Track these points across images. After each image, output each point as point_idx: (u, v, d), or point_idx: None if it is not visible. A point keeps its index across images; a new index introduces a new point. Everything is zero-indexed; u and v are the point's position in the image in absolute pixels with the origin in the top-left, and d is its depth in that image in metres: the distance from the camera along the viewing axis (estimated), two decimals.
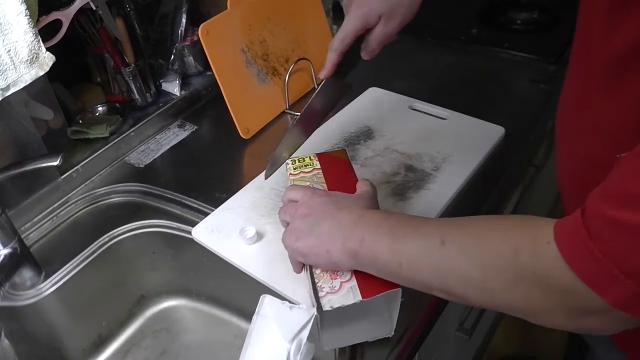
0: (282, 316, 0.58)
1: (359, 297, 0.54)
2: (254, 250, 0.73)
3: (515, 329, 1.58)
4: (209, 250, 0.75)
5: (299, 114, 1.01)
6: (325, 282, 0.56)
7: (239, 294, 0.82)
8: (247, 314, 0.85)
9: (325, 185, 0.66)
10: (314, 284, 0.57)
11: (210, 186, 0.87)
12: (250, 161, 0.94)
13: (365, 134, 0.91)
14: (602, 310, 0.40)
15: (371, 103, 0.99)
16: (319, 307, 0.54)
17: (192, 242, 0.78)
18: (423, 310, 0.65)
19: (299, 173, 0.69)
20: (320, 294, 0.55)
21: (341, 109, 0.99)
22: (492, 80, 1.06)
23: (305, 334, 0.56)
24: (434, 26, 1.26)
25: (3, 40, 0.63)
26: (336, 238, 0.55)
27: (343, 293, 0.54)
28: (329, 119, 0.96)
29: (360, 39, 0.70)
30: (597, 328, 0.42)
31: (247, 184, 0.84)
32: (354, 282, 0.55)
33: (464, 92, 1.03)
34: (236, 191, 0.82)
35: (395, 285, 0.54)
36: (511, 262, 0.43)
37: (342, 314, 0.56)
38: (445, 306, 0.70)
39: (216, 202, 0.82)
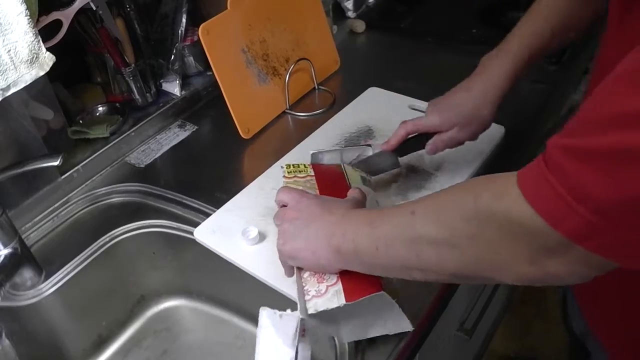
0: (277, 325, 0.59)
1: (343, 301, 0.54)
2: (256, 251, 0.73)
3: (515, 329, 1.58)
4: (209, 251, 0.75)
5: (299, 114, 1.02)
6: (311, 286, 0.57)
7: (239, 294, 0.82)
8: (248, 314, 0.85)
9: (317, 191, 0.67)
10: (300, 287, 0.58)
11: (211, 186, 0.87)
12: (251, 161, 0.94)
13: (366, 134, 0.91)
14: (561, 248, 0.40)
15: (371, 103, 0.99)
16: (305, 310, 0.55)
17: (193, 242, 0.78)
18: (424, 310, 0.65)
19: (293, 177, 0.70)
20: (307, 297, 0.56)
21: (341, 109, 0.99)
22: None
23: (296, 339, 0.58)
24: (434, 26, 1.26)
25: (3, 41, 0.63)
26: (322, 238, 0.56)
27: (328, 297, 0.55)
28: (329, 119, 0.97)
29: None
30: (562, 274, 0.42)
31: (247, 184, 0.84)
32: (339, 285, 0.56)
33: None
34: (236, 191, 0.82)
35: (378, 289, 0.55)
36: (472, 208, 0.44)
37: (335, 316, 0.56)
38: (446, 306, 0.70)
39: (216, 202, 0.82)
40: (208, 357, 0.85)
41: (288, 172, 0.71)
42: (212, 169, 0.91)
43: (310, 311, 0.55)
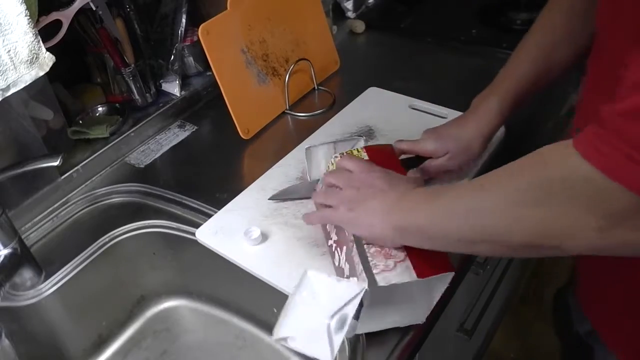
0: (323, 290, 0.59)
1: (415, 277, 0.55)
2: (259, 251, 0.73)
3: (515, 329, 1.58)
4: (209, 251, 0.75)
5: (299, 114, 1.02)
6: (379, 261, 0.58)
7: (239, 294, 0.82)
8: (248, 314, 0.85)
9: None
10: (365, 261, 0.58)
11: (211, 186, 0.87)
12: (251, 161, 0.94)
13: (367, 134, 0.91)
14: (633, 209, 0.40)
15: (371, 103, 0.99)
16: (373, 282, 0.55)
17: (193, 243, 0.78)
18: None
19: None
20: (375, 270, 0.56)
21: (342, 109, 0.99)
22: (492, 80, 1.06)
23: (351, 309, 0.56)
24: (434, 26, 1.26)
25: (3, 41, 0.63)
26: (381, 212, 0.58)
27: (399, 271, 0.56)
28: (329, 119, 0.97)
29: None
30: (633, 240, 0.42)
31: (247, 184, 0.83)
32: (408, 262, 0.57)
33: (463, 92, 1.02)
34: (236, 192, 0.82)
35: (450, 268, 0.56)
36: (542, 175, 0.46)
37: (386, 296, 0.57)
38: (446, 306, 0.70)
39: (216, 203, 0.82)
40: (208, 357, 0.85)
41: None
42: (211, 169, 0.91)
43: (381, 283, 0.55)
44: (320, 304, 0.58)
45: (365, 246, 0.60)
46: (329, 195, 0.65)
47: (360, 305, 0.57)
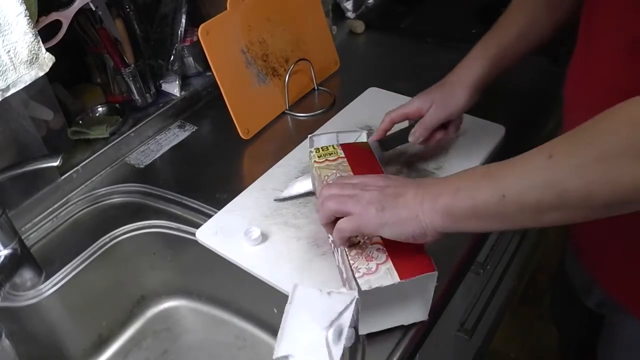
0: (316, 303, 0.58)
1: (397, 279, 0.55)
2: (259, 252, 0.73)
3: (515, 329, 1.58)
4: (209, 251, 0.75)
5: (299, 114, 1.02)
6: (361, 264, 0.57)
7: (239, 294, 0.82)
8: (248, 315, 0.85)
9: (351, 172, 0.68)
10: (349, 266, 0.57)
11: (210, 187, 0.87)
12: (251, 162, 0.94)
13: (367, 134, 0.91)
14: None
15: (371, 103, 0.99)
16: (357, 287, 0.55)
17: (193, 243, 0.78)
18: None
19: (324, 161, 0.70)
20: (357, 274, 0.56)
21: (342, 109, 0.99)
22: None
23: (347, 319, 0.56)
24: (434, 26, 1.26)
25: (3, 41, 0.63)
26: (424, 200, 0.54)
27: (380, 274, 0.55)
28: (329, 119, 0.97)
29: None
30: None
31: (247, 184, 0.84)
32: (389, 264, 0.56)
33: None
34: (236, 192, 0.82)
35: (431, 268, 0.55)
36: (632, 134, 0.43)
37: (378, 298, 0.56)
38: (446, 306, 0.70)
39: (216, 203, 0.82)
40: (208, 357, 0.85)
41: (318, 157, 0.71)
42: (211, 170, 0.91)
43: (364, 287, 0.54)
44: (315, 318, 0.58)
45: (346, 249, 0.59)
46: (344, 203, 0.58)
47: (356, 312, 0.57)
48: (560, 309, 0.98)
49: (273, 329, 0.81)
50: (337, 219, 0.58)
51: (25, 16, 0.64)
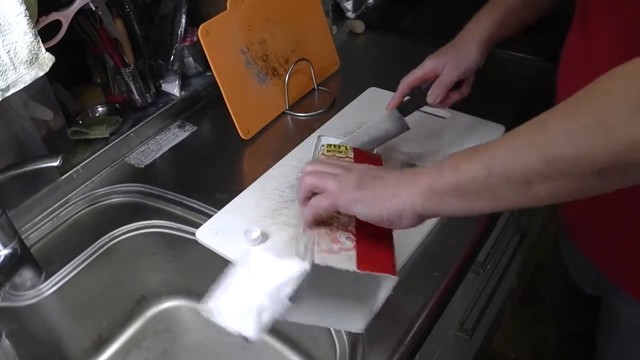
0: (265, 268, 0.56)
1: (354, 267, 0.52)
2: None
3: (515, 329, 1.58)
4: (209, 251, 0.75)
5: (299, 114, 1.02)
6: (325, 243, 0.54)
7: None
8: None
9: None
10: (312, 241, 0.55)
11: (210, 187, 0.86)
12: (251, 162, 0.94)
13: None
14: None
15: (371, 103, 0.99)
16: (311, 259, 0.52)
17: (193, 243, 0.78)
18: (424, 310, 0.65)
19: (332, 156, 0.67)
20: (316, 248, 0.54)
21: (341, 109, 0.99)
22: (492, 79, 1.06)
23: (288, 287, 0.54)
24: (434, 26, 1.26)
25: (3, 41, 0.63)
26: (405, 181, 0.52)
27: (339, 257, 0.53)
28: (329, 119, 0.97)
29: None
30: None
31: (247, 184, 0.83)
32: (353, 252, 0.54)
33: None
34: (236, 192, 0.82)
35: (393, 272, 0.53)
36: (627, 88, 0.41)
37: (326, 281, 0.54)
38: (446, 306, 0.70)
39: (216, 203, 0.82)
40: (208, 357, 0.85)
41: (327, 151, 0.67)
42: (211, 170, 0.91)
43: (317, 261, 0.52)
44: (257, 280, 0.55)
45: (315, 228, 0.57)
46: (324, 179, 0.56)
47: (299, 286, 0.54)
48: (558, 299, 0.99)
49: (274, 329, 0.81)
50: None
51: (25, 16, 0.64)
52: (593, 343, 0.82)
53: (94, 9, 0.86)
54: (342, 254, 0.53)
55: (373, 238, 0.56)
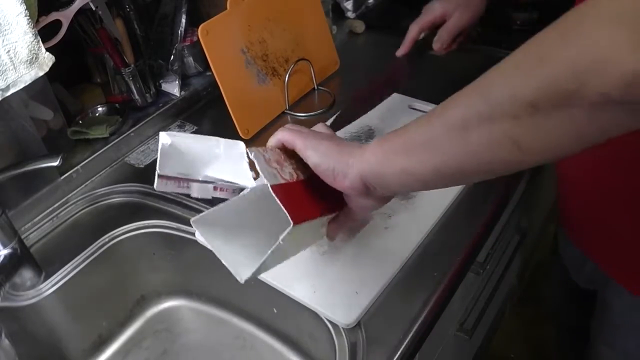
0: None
1: (270, 183, 0.49)
2: None
3: (515, 329, 1.58)
4: (209, 251, 0.75)
5: (299, 114, 1.02)
6: (272, 157, 0.54)
7: (239, 294, 0.82)
8: (247, 314, 0.85)
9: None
10: (261, 150, 0.54)
11: None
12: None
13: (367, 134, 0.91)
14: None
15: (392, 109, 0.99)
16: (246, 149, 0.54)
17: (193, 243, 0.78)
18: (424, 310, 0.65)
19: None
20: (260, 148, 0.53)
21: (341, 109, 0.99)
22: None
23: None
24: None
25: (3, 41, 0.63)
26: (361, 146, 0.52)
27: (269, 171, 0.51)
28: (328, 119, 0.96)
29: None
30: None
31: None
32: (282, 181, 0.51)
33: None
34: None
35: (295, 219, 0.48)
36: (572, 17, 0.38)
37: (244, 215, 0.54)
38: (445, 306, 0.70)
39: (216, 203, 0.81)
40: (208, 357, 0.85)
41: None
42: None
43: (251, 152, 0.51)
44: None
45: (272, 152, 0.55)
46: (294, 135, 0.56)
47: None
48: (557, 294, 0.99)
49: (273, 329, 0.81)
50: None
51: (25, 16, 0.64)
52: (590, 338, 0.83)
53: (94, 8, 0.86)
54: (274, 173, 0.52)
55: (310, 194, 0.54)
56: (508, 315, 1.52)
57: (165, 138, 0.56)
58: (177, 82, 1.03)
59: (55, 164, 0.69)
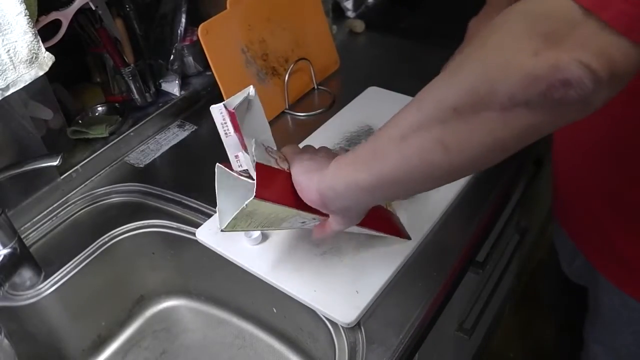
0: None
1: (256, 162, 0.55)
2: (259, 251, 0.73)
3: (515, 329, 1.58)
4: (208, 250, 0.75)
5: (299, 114, 1.02)
6: (275, 154, 0.59)
7: (238, 294, 0.82)
8: (247, 314, 0.85)
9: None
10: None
11: (210, 186, 0.85)
12: None
13: (367, 133, 0.91)
14: (569, 26, 0.36)
15: (371, 102, 0.99)
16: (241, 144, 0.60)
17: (192, 242, 0.78)
18: (423, 310, 0.65)
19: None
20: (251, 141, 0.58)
21: (341, 109, 0.99)
22: None
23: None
24: (434, 26, 1.26)
25: (2, 40, 0.63)
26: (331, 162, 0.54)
27: (265, 157, 0.57)
28: (328, 119, 0.96)
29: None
30: (569, 69, 0.36)
31: None
32: (272, 165, 0.57)
33: None
34: None
35: (261, 195, 0.53)
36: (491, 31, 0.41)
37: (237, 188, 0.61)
38: (445, 306, 0.70)
39: (216, 203, 0.81)
40: (208, 357, 0.85)
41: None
42: (211, 169, 0.90)
43: (247, 147, 0.58)
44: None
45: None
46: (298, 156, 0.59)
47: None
48: (553, 290, 1.00)
49: (273, 329, 0.81)
50: None
51: (25, 15, 0.64)
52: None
53: (94, 8, 0.86)
54: (268, 159, 0.57)
55: (292, 187, 0.57)
56: (507, 315, 1.52)
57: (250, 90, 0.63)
58: (177, 81, 1.03)
59: (55, 163, 0.69)
